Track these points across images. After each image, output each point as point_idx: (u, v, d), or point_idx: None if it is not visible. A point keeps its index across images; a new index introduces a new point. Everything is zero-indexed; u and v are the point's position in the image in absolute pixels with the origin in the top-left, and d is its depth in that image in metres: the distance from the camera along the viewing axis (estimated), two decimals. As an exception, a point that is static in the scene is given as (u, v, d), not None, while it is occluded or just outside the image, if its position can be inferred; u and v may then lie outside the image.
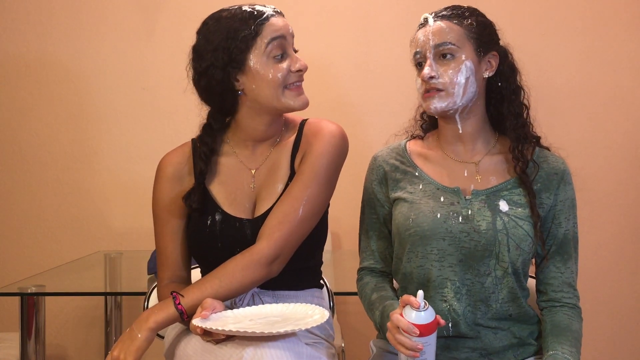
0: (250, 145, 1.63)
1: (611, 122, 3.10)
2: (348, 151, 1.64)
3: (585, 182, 2.97)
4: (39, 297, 2.26)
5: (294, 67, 1.55)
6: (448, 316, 1.52)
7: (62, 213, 3.15)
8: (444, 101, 1.52)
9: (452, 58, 1.52)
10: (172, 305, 1.46)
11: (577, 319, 1.55)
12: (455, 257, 1.51)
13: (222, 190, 1.62)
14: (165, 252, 1.63)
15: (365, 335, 3.01)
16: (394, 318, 1.37)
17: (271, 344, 1.33)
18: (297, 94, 1.57)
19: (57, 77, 3.15)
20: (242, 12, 1.54)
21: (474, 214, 1.52)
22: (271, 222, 1.52)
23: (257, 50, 1.52)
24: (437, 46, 1.52)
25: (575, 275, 1.58)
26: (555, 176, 1.56)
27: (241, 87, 1.55)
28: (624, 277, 3.12)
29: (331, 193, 1.62)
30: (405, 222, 1.55)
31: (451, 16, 1.55)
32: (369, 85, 3.12)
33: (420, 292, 1.37)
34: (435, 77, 1.52)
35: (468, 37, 1.53)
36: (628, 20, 3.08)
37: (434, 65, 1.52)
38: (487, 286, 1.51)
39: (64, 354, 3.19)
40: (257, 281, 1.51)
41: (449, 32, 1.52)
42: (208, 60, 1.53)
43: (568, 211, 1.56)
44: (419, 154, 1.64)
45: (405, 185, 1.60)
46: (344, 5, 3.12)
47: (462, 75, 1.51)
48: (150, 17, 3.13)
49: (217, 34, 1.53)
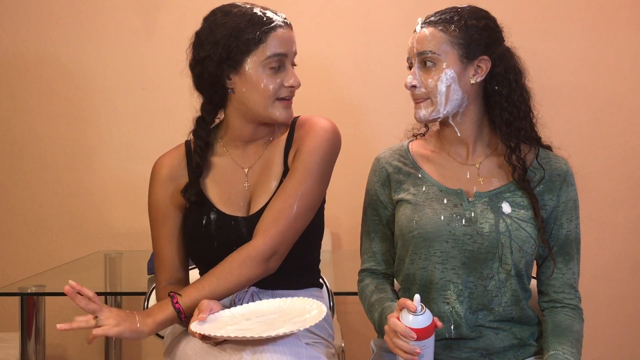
0: (241, 145, 1.64)
1: (611, 122, 3.10)
2: (341, 146, 1.63)
3: (586, 181, 2.97)
4: (39, 297, 2.26)
5: (287, 83, 1.55)
6: (450, 318, 1.51)
7: (62, 213, 3.15)
8: (428, 109, 1.53)
9: (433, 66, 1.52)
10: (170, 305, 1.46)
11: (578, 319, 1.54)
12: (459, 259, 1.51)
13: (217, 189, 1.62)
14: (162, 255, 1.63)
15: (365, 335, 3.01)
16: (391, 322, 1.37)
17: (270, 344, 1.33)
18: (285, 107, 1.57)
19: (57, 77, 3.14)
20: (252, 14, 1.54)
21: (477, 216, 1.51)
22: (266, 219, 1.53)
23: (256, 57, 1.53)
24: (419, 54, 1.53)
25: (577, 276, 1.58)
26: (558, 177, 1.55)
27: (232, 86, 1.56)
28: (624, 277, 3.12)
29: (325, 188, 1.62)
30: (408, 224, 1.55)
31: (438, 22, 1.53)
32: (369, 85, 3.12)
33: (416, 295, 1.37)
34: (417, 87, 1.53)
35: (452, 44, 1.51)
36: (628, 20, 3.08)
37: (417, 73, 1.53)
38: (490, 289, 1.51)
39: (64, 354, 3.19)
40: (254, 278, 1.51)
41: (431, 40, 1.51)
42: (207, 51, 1.54)
43: (570, 212, 1.56)
44: (421, 156, 1.63)
45: (408, 187, 1.59)
46: (344, 5, 3.12)
47: (443, 84, 1.51)
48: (150, 17, 3.13)
49: (222, 29, 1.53)
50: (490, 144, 1.60)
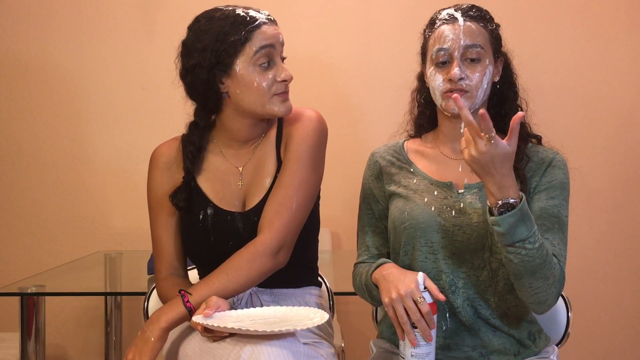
0: (236, 145, 1.65)
1: (610, 122, 3.10)
2: (328, 134, 1.65)
3: (585, 180, 2.98)
4: (39, 297, 2.26)
5: (279, 77, 1.56)
6: (445, 306, 1.53)
7: (62, 213, 3.15)
8: (467, 102, 1.51)
9: (479, 61, 1.52)
10: (181, 303, 1.48)
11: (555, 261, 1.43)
12: (449, 250, 1.52)
13: (211, 188, 1.64)
14: (160, 242, 1.65)
15: (365, 335, 3.01)
16: (410, 290, 1.40)
17: (269, 343, 1.33)
18: (282, 100, 1.58)
19: (57, 77, 3.14)
20: (235, 15, 1.54)
21: (466, 207, 1.53)
22: (268, 214, 1.54)
23: (244, 56, 1.53)
24: (467, 47, 1.52)
25: (560, 250, 1.47)
26: (543, 163, 1.56)
27: (226, 90, 1.57)
28: (622, 276, 3.12)
29: (320, 176, 1.64)
30: (400, 216, 1.56)
31: (478, 18, 1.55)
32: (369, 85, 3.12)
33: (420, 273, 1.41)
34: (465, 79, 1.51)
35: (490, 42, 1.55)
36: (627, 21, 3.08)
37: (462, 66, 1.52)
38: (482, 279, 1.52)
39: (64, 354, 3.19)
40: (264, 273, 1.52)
41: (479, 35, 1.53)
42: (195, 58, 1.55)
43: (554, 190, 1.51)
44: (415, 151, 1.65)
45: (399, 180, 1.61)
46: (344, 5, 3.12)
47: (486, 79, 1.53)
48: (150, 17, 3.13)
49: (207, 34, 1.54)
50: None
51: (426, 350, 1.40)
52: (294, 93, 1.63)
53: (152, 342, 1.44)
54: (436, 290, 1.41)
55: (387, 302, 1.43)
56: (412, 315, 1.39)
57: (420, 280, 1.41)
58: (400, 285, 1.42)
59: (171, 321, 1.47)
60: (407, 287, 1.41)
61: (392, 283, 1.44)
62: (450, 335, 1.54)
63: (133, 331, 3.02)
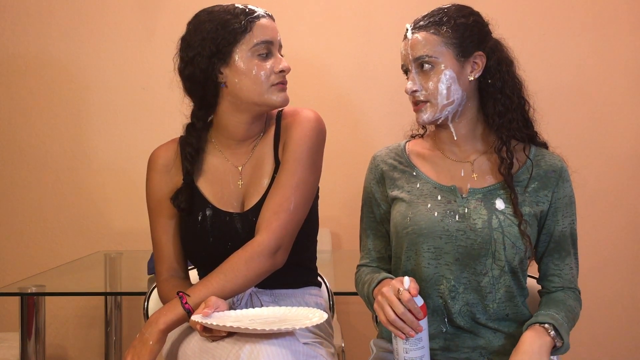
0: (234, 144, 1.65)
1: (611, 122, 3.10)
2: (327, 134, 1.66)
3: (586, 181, 2.98)
4: (39, 297, 2.26)
5: (277, 68, 1.57)
6: (444, 311, 1.53)
7: (62, 213, 3.15)
8: (431, 112, 1.54)
9: (432, 69, 1.52)
10: (179, 305, 1.48)
11: (574, 297, 1.55)
12: (452, 255, 1.52)
13: (210, 188, 1.64)
14: (160, 244, 1.65)
15: (365, 335, 3.02)
16: (386, 291, 1.41)
17: (268, 342, 1.33)
18: (280, 90, 1.59)
19: (57, 77, 3.15)
20: (235, 7, 1.58)
21: (470, 213, 1.52)
22: (266, 214, 1.54)
23: (244, 45, 1.55)
24: (415, 60, 1.53)
25: (575, 271, 1.58)
26: (553, 174, 1.56)
27: (224, 79, 1.57)
28: (624, 277, 3.12)
29: (318, 177, 1.64)
30: (403, 221, 1.56)
31: (428, 25, 1.54)
32: (369, 85, 3.12)
33: (406, 277, 1.40)
34: (418, 90, 1.54)
35: (446, 45, 1.52)
36: (628, 21, 3.08)
37: (416, 78, 1.54)
38: (483, 285, 1.52)
39: (64, 354, 3.19)
40: (262, 273, 1.53)
41: (425, 45, 1.52)
42: (195, 49, 1.56)
43: (565, 208, 1.56)
44: (417, 154, 1.65)
45: (402, 184, 1.61)
46: (344, 5, 3.12)
47: (443, 85, 1.52)
48: (150, 17, 3.13)
49: (208, 24, 1.56)
50: (485, 141, 1.60)
51: (420, 353, 1.40)
52: (294, 93, 1.63)
53: (150, 344, 1.44)
54: (415, 289, 1.41)
55: (378, 312, 1.44)
56: (396, 309, 1.39)
57: (406, 282, 1.41)
58: (385, 289, 1.43)
59: (170, 323, 1.47)
60: (389, 287, 1.42)
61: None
62: (451, 337, 1.54)
63: (133, 331, 3.02)
